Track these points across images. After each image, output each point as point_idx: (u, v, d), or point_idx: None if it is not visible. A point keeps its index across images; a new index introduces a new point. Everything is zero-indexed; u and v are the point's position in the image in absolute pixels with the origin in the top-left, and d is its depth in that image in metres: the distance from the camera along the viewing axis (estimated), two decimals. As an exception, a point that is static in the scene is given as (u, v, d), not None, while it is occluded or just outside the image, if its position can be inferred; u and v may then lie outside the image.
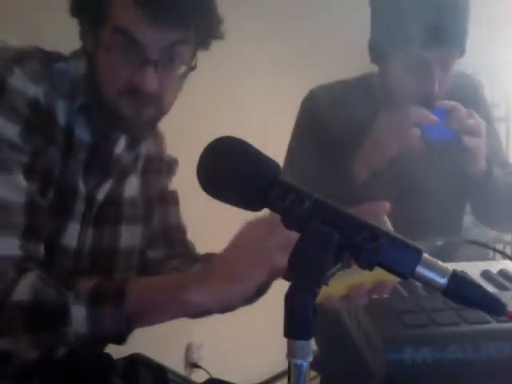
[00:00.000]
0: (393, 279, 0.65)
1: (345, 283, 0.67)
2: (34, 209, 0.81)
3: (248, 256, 0.66)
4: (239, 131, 0.61)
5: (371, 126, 1.16)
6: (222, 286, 0.66)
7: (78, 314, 0.71)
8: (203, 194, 0.55)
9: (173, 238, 1.06)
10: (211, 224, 1.71)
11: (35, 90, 0.83)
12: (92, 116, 0.88)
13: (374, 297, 0.71)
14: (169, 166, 1.09)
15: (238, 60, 2.28)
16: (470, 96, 1.28)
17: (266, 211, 0.55)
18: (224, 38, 0.89)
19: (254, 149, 0.55)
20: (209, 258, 0.72)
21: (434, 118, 1.11)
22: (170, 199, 1.08)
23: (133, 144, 0.97)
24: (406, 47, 1.09)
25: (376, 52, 1.20)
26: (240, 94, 2.37)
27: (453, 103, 1.14)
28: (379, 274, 0.52)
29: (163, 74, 0.83)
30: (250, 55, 2.36)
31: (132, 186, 1.00)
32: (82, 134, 0.89)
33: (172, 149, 1.11)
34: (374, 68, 1.28)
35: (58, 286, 0.74)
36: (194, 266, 0.96)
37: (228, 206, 0.55)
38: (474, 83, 1.36)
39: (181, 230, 1.08)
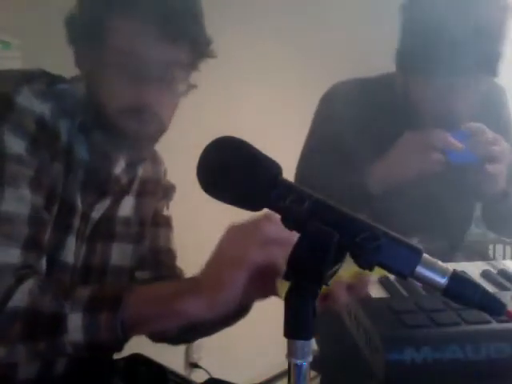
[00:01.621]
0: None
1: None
2: (37, 222, 0.82)
3: (226, 258, 0.65)
4: (239, 131, 0.61)
5: (389, 132, 1.13)
6: (209, 294, 0.65)
7: (75, 322, 0.71)
8: (203, 194, 0.55)
9: (161, 261, 1.06)
10: (211, 224, 1.71)
11: (41, 108, 0.85)
12: (90, 135, 0.90)
13: (355, 294, 0.68)
14: (165, 191, 1.10)
15: (238, 59, 2.28)
16: (491, 103, 1.25)
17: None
18: (216, 56, 0.90)
19: (255, 149, 0.55)
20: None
21: (459, 144, 1.07)
22: (162, 223, 1.08)
23: (132, 166, 0.98)
24: (434, 69, 1.06)
25: (402, 65, 1.16)
26: (240, 93, 2.37)
27: (478, 125, 1.10)
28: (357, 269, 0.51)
29: (164, 92, 0.84)
30: (250, 55, 2.36)
31: (127, 206, 1.01)
32: (81, 152, 0.91)
33: (171, 149, 1.10)
34: (379, 66, 1.27)
35: (55, 293, 0.74)
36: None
37: (228, 206, 0.55)
38: (496, 90, 1.32)
39: (170, 255, 1.08)
